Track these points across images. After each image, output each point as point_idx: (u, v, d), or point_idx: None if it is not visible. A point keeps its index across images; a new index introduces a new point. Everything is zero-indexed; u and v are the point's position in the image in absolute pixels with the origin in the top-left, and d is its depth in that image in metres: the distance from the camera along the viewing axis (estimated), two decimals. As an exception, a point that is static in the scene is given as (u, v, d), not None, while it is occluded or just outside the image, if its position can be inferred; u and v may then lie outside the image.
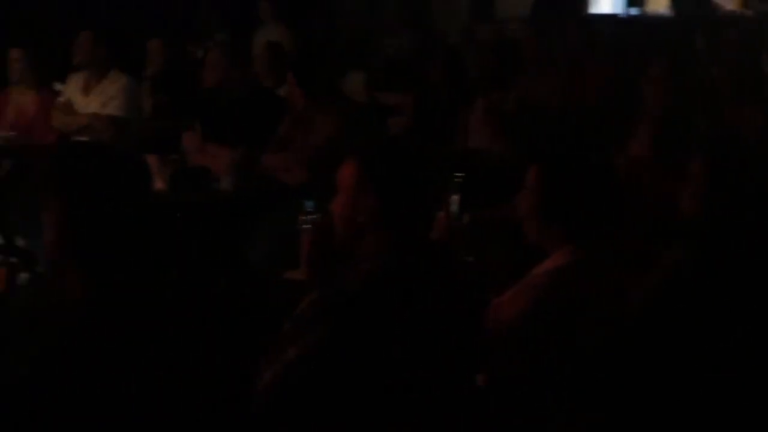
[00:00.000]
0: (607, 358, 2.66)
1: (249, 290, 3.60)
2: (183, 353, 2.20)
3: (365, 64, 7.82)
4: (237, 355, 2.37)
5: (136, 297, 2.21)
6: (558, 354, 2.66)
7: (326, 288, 2.50)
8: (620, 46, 7.49)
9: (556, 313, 2.68)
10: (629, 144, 4.20)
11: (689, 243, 2.97)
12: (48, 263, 2.46)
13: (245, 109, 5.68)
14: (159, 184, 5.37)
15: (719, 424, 2.71)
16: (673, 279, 2.90)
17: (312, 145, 5.14)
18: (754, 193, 3.05)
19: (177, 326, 2.24)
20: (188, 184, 5.30)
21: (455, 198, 3.62)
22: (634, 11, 12.06)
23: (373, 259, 2.47)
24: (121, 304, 2.18)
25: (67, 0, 8.30)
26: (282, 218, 4.68)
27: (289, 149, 5.32)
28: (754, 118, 5.01)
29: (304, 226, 3.42)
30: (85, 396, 2.06)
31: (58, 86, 6.33)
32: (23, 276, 3.56)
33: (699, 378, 2.72)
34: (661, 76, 4.71)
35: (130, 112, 6.00)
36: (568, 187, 2.77)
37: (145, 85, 6.74)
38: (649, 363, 2.72)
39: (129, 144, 5.93)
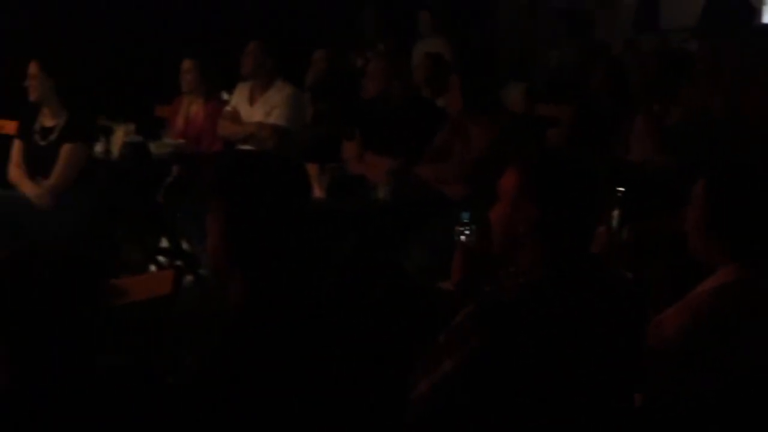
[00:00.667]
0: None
1: (404, 299, 3.61)
2: (339, 359, 2.23)
3: (526, 75, 7.77)
4: (391, 364, 2.38)
5: (295, 303, 2.24)
6: (718, 376, 2.56)
7: (483, 299, 2.48)
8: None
9: (718, 334, 2.58)
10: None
11: None
12: (211, 267, 2.53)
13: (405, 119, 5.72)
14: (318, 192, 5.48)
15: None
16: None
17: (470, 157, 5.13)
18: None
19: (334, 332, 2.26)
20: (346, 192, 5.37)
21: (616, 213, 3.54)
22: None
23: (530, 271, 2.44)
24: (281, 309, 2.22)
25: (236, 11, 8.55)
26: (439, 228, 4.69)
27: (447, 160, 5.33)
28: None
29: (460, 237, 3.41)
30: (247, 398, 2.10)
31: (225, 96, 6.52)
32: (188, 278, 3.67)
33: None
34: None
35: (293, 122, 6.11)
36: (738, 202, 2.67)
37: (306, 94, 6.88)
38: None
39: (290, 152, 6.06)
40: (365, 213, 5.26)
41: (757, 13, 9.92)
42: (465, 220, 3.49)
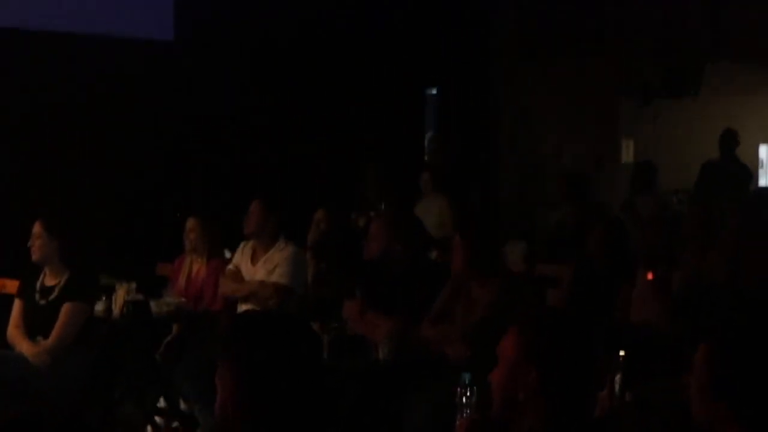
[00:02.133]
0: None
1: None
2: None
3: (526, 234, 7.84)
4: None
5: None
6: None
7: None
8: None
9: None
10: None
11: None
12: (218, 424, 2.51)
13: (406, 280, 5.73)
14: (319, 352, 5.44)
15: None
16: None
17: (471, 318, 5.12)
18: None
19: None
20: (347, 352, 5.34)
21: (618, 377, 3.51)
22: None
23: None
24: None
25: (239, 171, 8.69)
26: (439, 390, 4.64)
27: (449, 321, 5.32)
28: None
29: (461, 399, 3.37)
30: None
31: (227, 254, 6.56)
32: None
33: None
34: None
35: (295, 281, 6.13)
36: (739, 368, 2.65)
37: (307, 253, 6.92)
38: None
39: (292, 311, 6.06)
40: (366, 373, 5.21)
41: (752, 176, 10.10)
42: (466, 382, 3.46)
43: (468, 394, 3.42)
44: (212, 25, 8.71)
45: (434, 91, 10.64)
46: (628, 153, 10.09)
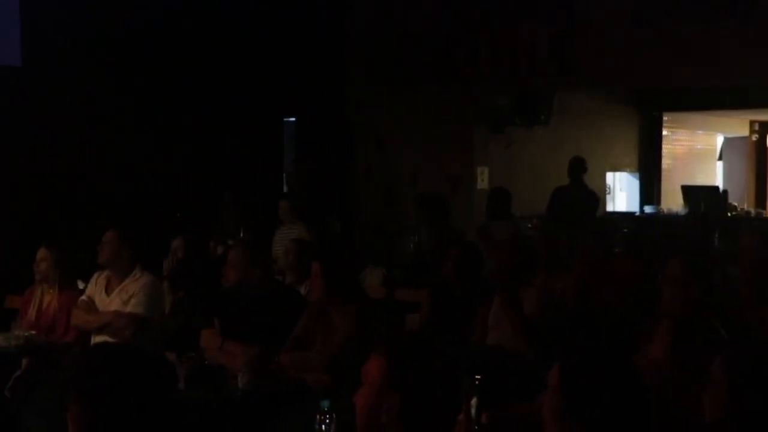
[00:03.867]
0: None
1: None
2: None
3: (384, 260, 7.91)
4: None
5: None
6: None
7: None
8: (637, 244, 7.56)
9: None
10: (649, 346, 4.18)
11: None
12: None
13: (264, 308, 5.71)
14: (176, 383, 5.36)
15: None
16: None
17: (332, 344, 5.14)
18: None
19: None
20: (205, 382, 5.27)
21: (474, 400, 3.57)
22: (649, 209, 12.27)
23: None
24: None
25: (93, 200, 8.51)
26: (299, 418, 4.63)
27: (308, 348, 5.32)
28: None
29: (320, 427, 3.37)
30: None
31: (81, 285, 6.41)
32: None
33: None
34: (679, 275, 4.72)
35: (151, 310, 6.04)
36: (591, 388, 2.73)
37: (164, 282, 6.81)
38: None
39: (148, 342, 5.95)
40: (225, 403, 5.15)
41: (600, 201, 10.47)
42: (325, 409, 3.47)
43: (327, 420, 3.43)
44: (62, 51, 8.52)
45: (293, 119, 10.67)
46: (482, 179, 10.32)
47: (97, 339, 6.01)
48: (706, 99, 11.80)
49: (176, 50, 9.25)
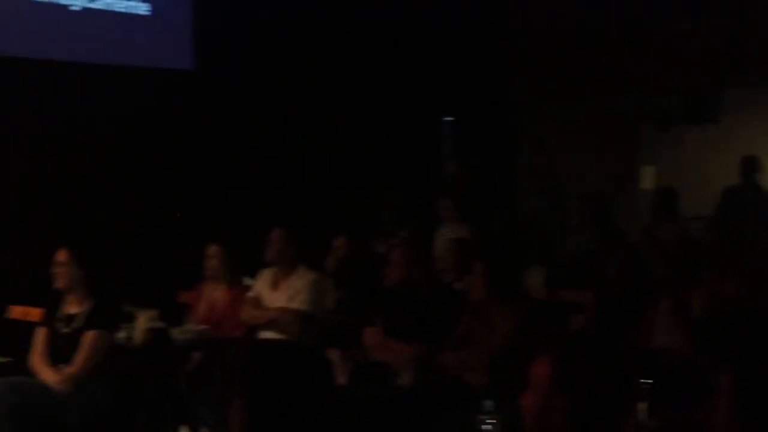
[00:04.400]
0: None
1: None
2: None
3: (546, 260, 7.81)
4: None
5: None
6: None
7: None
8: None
9: None
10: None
11: None
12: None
13: (426, 307, 5.73)
14: (340, 378, 5.43)
15: None
16: None
17: (493, 344, 5.11)
18: None
19: None
20: (369, 379, 5.33)
21: (643, 405, 3.48)
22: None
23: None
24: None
25: (260, 198, 8.73)
26: (461, 417, 4.62)
27: (471, 347, 5.31)
28: None
29: (484, 427, 3.35)
30: None
31: (247, 281, 6.58)
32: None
33: None
34: None
35: (316, 307, 6.14)
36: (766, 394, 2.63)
37: (329, 280, 6.92)
38: None
39: (313, 338, 6.06)
40: (387, 400, 5.19)
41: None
42: (488, 409, 3.44)
43: (492, 421, 3.41)
44: (230, 54, 8.77)
45: (451, 119, 10.68)
46: (647, 179, 10.07)
47: (264, 335, 6.16)
48: None
49: (339, 51, 9.40)
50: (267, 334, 6.12)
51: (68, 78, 7.91)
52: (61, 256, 5.49)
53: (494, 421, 3.36)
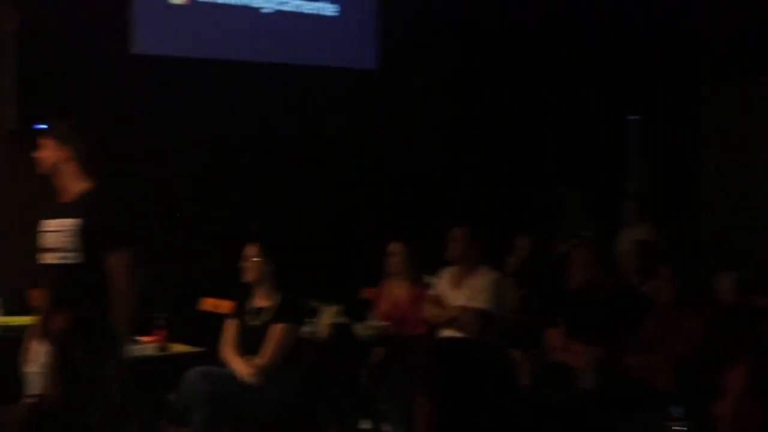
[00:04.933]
0: None
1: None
2: None
3: (736, 264, 7.54)
4: None
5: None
6: None
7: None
8: None
9: None
10: None
11: None
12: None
13: (609, 308, 5.63)
14: (522, 379, 5.40)
15: None
16: None
17: (680, 348, 4.97)
18: None
19: None
20: (550, 380, 5.28)
21: None
22: None
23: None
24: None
25: (442, 197, 8.77)
26: (646, 422, 4.52)
27: (655, 350, 5.18)
28: None
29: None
30: None
31: (429, 279, 6.62)
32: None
33: None
34: None
35: (497, 307, 6.12)
36: None
37: (510, 280, 6.88)
38: None
39: (493, 337, 6.04)
40: (570, 402, 5.13)
41: None
42: (676, 415, 3.35)
43: (680, 427, 3.31)
44: (415, 54, 8.84)
45: (637, 117, 10.43)
46: None
47: (444, 333, 6.18)
48: None
49: (523, 50, 9.34)
50: (447, 333, 6.14)
51: (258, 78, 8.15)
52: (251, 251, 5.67)
53: (684, 427, 3.27)
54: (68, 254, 4.47)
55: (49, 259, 4.55)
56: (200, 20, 7.92)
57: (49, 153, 4.61)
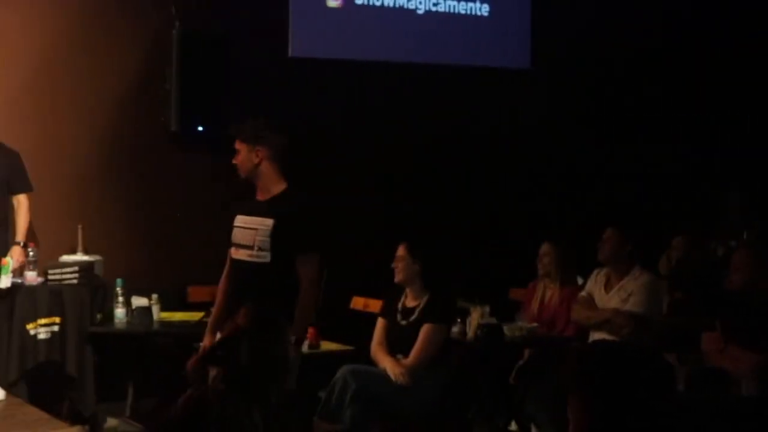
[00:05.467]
0: None
1: None
2: None
3: None
4: None
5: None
6: None
7: None
8: None
9: None
10: None
11: None
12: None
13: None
14: (677, 384, 5.27)
15: None
16: None
17: None
18: None
19: None
20: (707, 386, 5.13)
21: None
22: None
23: None
24: None
25: (593, 197, 8.63)
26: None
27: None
28: None
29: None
30: None
31: (580, 280, 6.53)
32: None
33: None
34: None
35: (650, 310, 5.99)
36: None
37: (663, 281, 6.72)
38: None
39: (647, 341, 5.91)
40: (729, 409, 4.97)
41: None
42: None
43: None
44: (569, 53, 8.73)
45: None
46: None
47: (595, 335, 6.09)
48: None
49: (674, 48, 9.10)
50: (598, 335, 6.05)
51: (411, 79, 8.21)
52: (401, 251, 5.71)
53: None
54: (261, 253, 4.50)
55: (241, 255, 4.60)
56: (356, 23, 8.03)
57: (243, 156, 4.61)
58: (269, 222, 4.50)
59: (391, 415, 5.41)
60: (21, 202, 6.40)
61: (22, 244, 6.22)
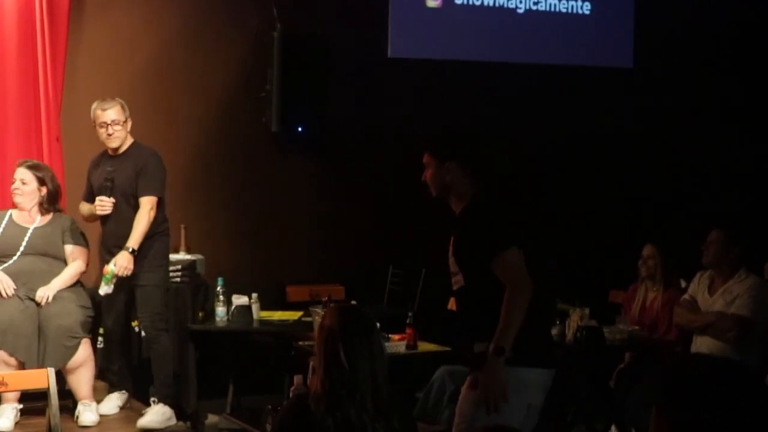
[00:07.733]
0: None
1: None
2: None
3: None
4: None
5: None
6: None
7: None
8: None
9: None
10: None
11: None
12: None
13: None
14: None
15: None
16: None
17: None
18: None
19: None
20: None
21: None
22: None
23: None
24: None
25: (697, 198, 8.43)
26: None
27: None
28: None
29: None
30: None
31: (683, 283, 6.39)
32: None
33: None
34: None
35: (757, 314, 5.81)
36: None
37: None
38: None
39: (753, 346, 5.75)
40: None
41: None
42: None
43: None
44: (672, 51, 8.56)
45: None
46: None
47: (698, 339, 5.95)
48: None
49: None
50: (702, 339, 5.91)
51: (511, 78, 8.15)
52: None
53: None
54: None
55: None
56: (455, 22, 8.01)
57: (432, 172, 4.08)
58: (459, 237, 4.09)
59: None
60: (141, 205, 5.96)
61: (131, 250, 5.81)
